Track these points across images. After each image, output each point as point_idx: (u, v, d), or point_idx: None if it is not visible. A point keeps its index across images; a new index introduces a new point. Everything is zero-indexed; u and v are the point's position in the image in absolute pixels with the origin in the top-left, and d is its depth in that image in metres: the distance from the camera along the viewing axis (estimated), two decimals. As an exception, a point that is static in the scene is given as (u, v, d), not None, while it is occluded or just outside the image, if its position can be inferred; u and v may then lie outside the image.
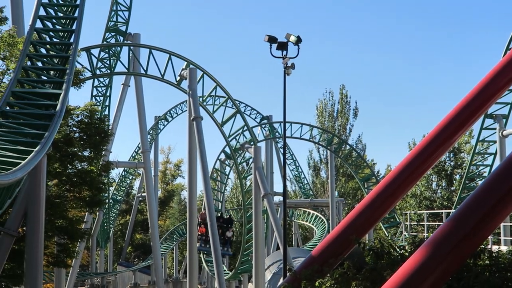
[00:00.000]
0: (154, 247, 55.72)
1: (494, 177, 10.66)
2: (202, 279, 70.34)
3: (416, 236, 14.64)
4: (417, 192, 60.05)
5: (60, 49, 26.11)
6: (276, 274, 39.95)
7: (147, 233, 79.48)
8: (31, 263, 19.97)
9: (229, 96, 44.02)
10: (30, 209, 19.84)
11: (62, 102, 20.93)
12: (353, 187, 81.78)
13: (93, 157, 28.36)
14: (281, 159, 65.81)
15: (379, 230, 61.11)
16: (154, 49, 41.00)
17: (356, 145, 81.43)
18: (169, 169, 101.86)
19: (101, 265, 67.56)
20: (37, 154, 16.88)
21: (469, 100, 15.28)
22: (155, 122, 68.50)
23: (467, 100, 15.30)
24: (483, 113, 16.52)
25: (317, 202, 69.97)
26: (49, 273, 45.06)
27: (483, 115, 37.75)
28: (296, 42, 26.05)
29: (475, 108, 15.34)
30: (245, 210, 47.31)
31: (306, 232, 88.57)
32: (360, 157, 64.98)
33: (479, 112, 15.66)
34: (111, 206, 67.19)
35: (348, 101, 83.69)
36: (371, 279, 12.39)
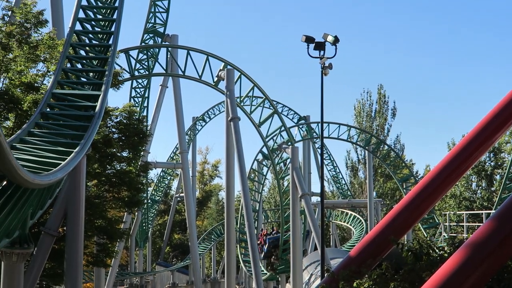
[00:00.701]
0: (192, 247, 55.97)
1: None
2: (240, 279, 70.50)
3: (455, 237, 14.52)
4: (457, 192, 59.39)
5: (99, 51, 26.36)
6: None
7: (185, 233, 79.97)
8: (71, 262, 20.19)
9: (267, 96, 44.02)
10: (70, 209, 20.07)
11: (101, 103, 21.11)
12: (392, 188, 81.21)
13: (131, 157, 28.56)
14: (318, 159, 65.66)
15: (418, 231, 60.65)
16: (192, 50, 41.16)
17: (395, 145, 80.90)
18: (207, 169, 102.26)
19: (139, 265, 68.06)
20: (77, 155, 17.05)
21: (510, 99, 15.05)
22: (193, 123, 68.82)
23: (508, 99, 15.07)
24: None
25: (355, 203, 69.65)
26: (89, 272, 45.55)
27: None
28: (334, 42, 25.96)
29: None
30: (283, 210, 47.29)
31: (344, 232, 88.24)
32: (399, 157, 64.54)
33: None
34: (150, 207, 67.66)
35: (386, 101, 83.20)
36: (409, 280, 12.29)
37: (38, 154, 16.07)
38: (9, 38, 23.47)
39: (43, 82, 24.66)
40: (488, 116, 15.12)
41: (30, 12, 24.32)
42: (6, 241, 15.94)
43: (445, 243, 13.91)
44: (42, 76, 24.73)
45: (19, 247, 17.02)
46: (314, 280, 37.60)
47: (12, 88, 23.29)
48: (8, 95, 22.80)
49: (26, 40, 23.82)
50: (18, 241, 16.95)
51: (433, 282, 10.36)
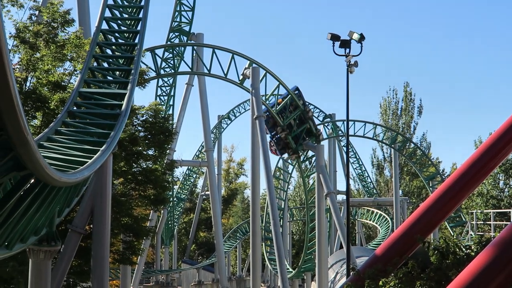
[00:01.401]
0: (218, 245, 56.12)
1: None
2: (265, 277, 70.56)
3: (482, 236, 14.40)
4: (484, 190, 58.79)
5: (125, 50, 26.49)
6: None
7: (211, 231, 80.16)
8: (98, 260, 20.34)
9: (292, 94, 43.96)
10: (97, 207, 20.22)
11: (127, 102, 21.22)
12: (418, 186, 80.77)
13: (157, 156, 28.71)
14: (344, 157, 65.49)
15: (444, 229, 60.25)
16: (217, 49, 41.20)
17: (421, 143, 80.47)
18: (232, 167, 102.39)
19: (165, 263, 68.36)
20: (103, 153, 17.15)
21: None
22: (218, 121, 68.98)
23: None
24: (552, 110, 16.08)
25: (380, 201, 69.40)
26: (115, 270, 45.79)
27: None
28: (359, 40, 25.87)
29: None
30: (308, 208, 47.27)
31: (369, 231, 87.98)
32: (425, 155, 64.17)
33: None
34: (175, 205, 67.92)
35: (412, 99, 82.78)
36: (436, 279, 12.23)
37: (65, 152, 16.19)
38: (36, 37, 23.68)
39: (70, 81, 24.86)
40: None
41: (57, 11, 24.51)
42: (34, 238, 16.09)
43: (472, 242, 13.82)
44: (69, 75, 24.93)
45: (47, 244, 17.18)
46: (339, 279, 37.52)
47: (39, 87, 23.52)
48: (35, 94, 23.03)
49: (53, 40, 24.03)
50: (45, 239, 17.11)
51: (460, 281, 10.29)
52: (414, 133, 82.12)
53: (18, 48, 23.80)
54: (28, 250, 17.20)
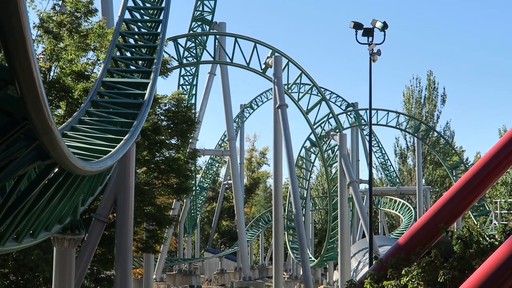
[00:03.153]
0: (240, 234, 56.31)
1: None
2: (288, 266, 70.65)
3: (506, 225, 14.32)
4: (508, 179, 58.46)
5: (148, 39, 26.55)
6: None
7: (233, 220, 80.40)
8: (121, 248, 20.47)
9: (314, 83, 43.89)
10: (120, 196, 20.34)
11: (150, 91, 21.28)
12: (441, 175, 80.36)
13: (180, 145, 28.79)
14: (367, 146, 65.33)
15: (467, 218, 59.96)
16: (240, 38, 41.20)
17: (444, 132, 79.98)
18: (255, 156, 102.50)
19: (188, 251, 68.69)
20: (126, 142, 17.22)
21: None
22: (241, 110, 69.05)
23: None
24: None
25: (403, 190, 69.14)
26: (138, 258, 46.10)
27: None
28: (382, 28, 25.72)
29: None
30: (331, 197, 47.22)
31: (392, 220, 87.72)
32: (448, 144, 63.84)
33: None
34: (198, 193, 68.18)
35: (436, 87, 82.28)
36: (459, 268, 12.18)
37: (88, 141, 16.28)
38: (60, 27, 23.80)
39: (93, 71, 24.99)
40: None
41: (80, 1, 24.61)
42: (58, 227, 16.24)
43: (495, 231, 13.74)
44: (92, 65, 25.05)
45: (71, 233, 17.32)
46: (362, 268, 37.49)
47: (63, 76, 23.66)
48: (59, 84, 23.17)
49: (77, 29, 24.14)
50: (69, 227, 17.25)
51: (484, 270, 10.25)
52: (438, 122, 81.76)
53: (42, 38, 23.94)
54: (53, 239, 17.35)
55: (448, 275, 11.87)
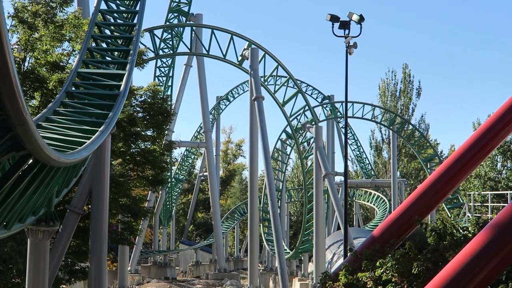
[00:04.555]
0: (216, 226, 56.39)
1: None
2: (263, 258, 70.78)
3: (479, 217, 14.44)
4: (482, 172, 58.94)
5: (124, 30, 26.42)
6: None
7: (209, 212, 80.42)
8: (96, 240, 20.41)
9: (291, 76, 43.96)
10: (95, 187, 20.25)
11: (126, 83, 21.18)
12: (416, 168, 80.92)
13: (156, 136, 28.69)
14: (342, 139, 65.56)
15: (441, 211, 60.45)
16: (216, 29, 41.16)
17: (419, 125, 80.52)
18: (231, 148, 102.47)
19: (163, 243, 68.56)
20: (102, 134, 17.15)
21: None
22: (217, 102, 68.95)
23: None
24: (551, 92, 16.07)
25: (378, 183, 69.54)
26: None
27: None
28: (359, 21, 25.81)
29: (542, 87, 14.95)
30: (306, 189, 47.36)
31: (367, 212, 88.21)
32: (423, 137, 64.30)
33: (547, 91, 15.25)
34: (174, 185, 68.05)
35: (411, 80, 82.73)
36: (433, 260, 12.27)
37: (63, 132, 16.18)
38: (35, 17, 23.56)
39: (68, 61, 24.77)
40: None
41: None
42: (32, 218, 16.13)
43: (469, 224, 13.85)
44: (67, 55, 24.84)
45: (45, 224, 17.20)
46: (337, 260, 37.69)
47: (38, 67, 23.45)
48: (34, 74, 22.96)
49: (52, 20, 23.90)
50: (44, 219, 17.12)
51: (457, 262, 10.34)
52: (413, 115, 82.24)
53: (17, 28, 23.67)
54: (27, 230, 17.23)
55: (422, 266, 11.95)
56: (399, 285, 11.98)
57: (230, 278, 54.81)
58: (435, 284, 10.38)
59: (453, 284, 10.18)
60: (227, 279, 54.14)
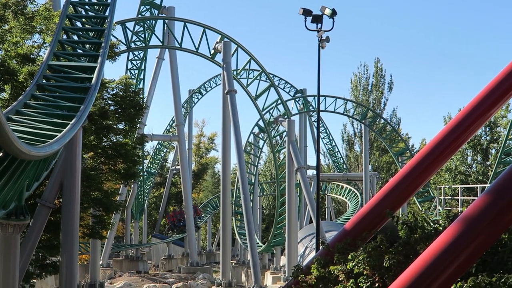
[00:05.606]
0: (188, 219, 56.24)
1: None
2: (235, 251, 70.88)
3: (450, 211, 14.55)
4: (452, 166, 59.56)
5: (95, 23, 26.23)
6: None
7: (181, 205, 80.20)
8: (67, 234, 20.27)
9: (263, 69, 43.97)
10: (66, 181, 20.10)
11: (97, 75, 21.06)
12: (387, 161, 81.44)
13: (128, 130, 28.52)
14: (314, 132, 65.72)
15: (413, 204, 60.90)
16: (189, 22, 41.03)
17: (391, 119, 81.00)
18: (203, 142, 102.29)
19: (135, 237, 68.34)
20: (73, 127, 17.03)
21: (506, 73, 15.04)
22: (189, 96, 68.79)
23: (505, 73, 15.07)
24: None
25: (350, 176, 69.86)
26: (85, 244, 45.71)
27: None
28: (331, 15, 25.85)
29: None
30: (278, 183, 47.45)
31: (339, 206, 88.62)
32: (395, 131, 64.66)
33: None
34: (146, 179, 67.84)
35: (383, 75, 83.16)
36: (404, 253, 12.35)
37: (34, 125, 16.06)
38: (4, 9, 23.30)
39: (39, 54, 24.54)
40: (484, 90, 15.13)
41: (25, -18, 24.11)
42: (2, 212, 15.98)
43: (440, 217, 13.96)
44: (38, 48, 24.60)
45: (15, 218, 17.05)
46: (309, 253, 37.84)
47: (8, 59, 23.18)
48: (4, 67, 22.69)
49: (22, 11, 23.66)
50: (14, 213, 16.98)
51: (428, 255, 10.42)
52: (385, 109, 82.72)
53: (-14, 20, 23.42)
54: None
55: (393, 259, 12.01)
56: (370, 278, 12.04)
57: (203, 272, 54.79)
58: (406, 277, 10.46)
59: (424, 276, 10.26)
60: (199, 273, 54.11)
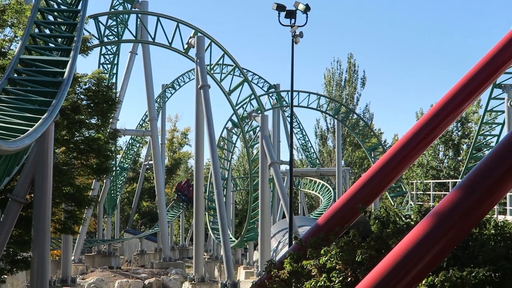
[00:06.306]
0: (161, 214, 56.16)
1: (501, 147, 10.63)
2: (208, 246, 70.83)
3: (422, 205, 14.67)
4: (424, 161, 60.01)
5: (67, 16, 26.03)
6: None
7: (154, 200, 79.97)
8: (39, 229, 20.10)
9: (237, 64, 43.93)
10: (38, 176, 19.93)
11: (70, 70, 20.91)
12: (360, 156, 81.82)
13: (100, 124, 28.37)
14: (288, 128, 65.82)
15: (385, 199, 61.27)
16: (162, 17, 40.86)
17: (364, 115, 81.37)
18: (176, 137, 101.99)
19: (108, 232, 68.01)
20: (45, 121, 16.91)
21: (478, 69, 15.20)
22: (163, 90, 68.55)
23: (476, 69, 15.22)
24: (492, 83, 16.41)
25: (323, 171, 70.08)
26: (57, 239, 45.39)
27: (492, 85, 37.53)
28: (305, 11, 25.89)
29: (484, 78, 15.25)
30: (252, 178, 47.50)
31: (312, 201, 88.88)
32: (367, 126, 64.98)
33: (488, 82, 15.56)
34: (118, 174, 67.52)
35: (356, 70, 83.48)
36: (376, 247, 12.43)
37: (5, 120, 15.92)
38: (-26, 2, 23.07)
39: (10, 48, 24.33)
40: (456, 86, 15.27)
41: (-4, -25, 23.89)
42: (-27, 207, 15.84)
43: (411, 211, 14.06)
44: (9, 42, 24.39)
45: (-14, 213, 16.91)
46: (282, 248, 37.95)
47: (-22, 53, 22.98)
48: (-26, 60, 22.50)
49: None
50: (-16, 208, 16.84)
51: (400, 249, 10.49)
52: (357, 104, 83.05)
53: (-44, 12, 23.17)
54: (-33, 219, 16.92)
55: (366, 254, 12.08)
56: (343, 273, 12.10)
57: (175, 267, 54.71)
58: (379, 271, 10.52)
59: (396, 271, 10.33)
60: (172, 268, 54.02)
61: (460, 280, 10.61)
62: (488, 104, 41.58)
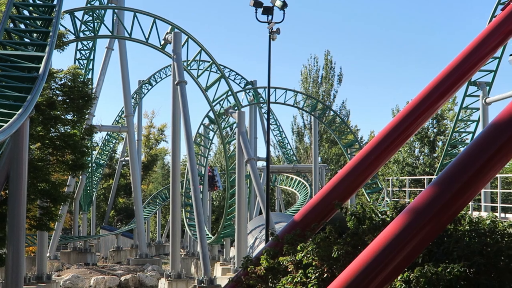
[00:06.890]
0: (137, 211, 55.97)
1: (476, 144, 10.73)
2: (185, 243, 70.68)
3: (397, 202, 14.74)
4: (400, 158, 60.33)
5: (43, 11, 25.84)
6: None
7: (130, 197, 79.75)
8: (14, 226, 19.96)
9: (214, 60, 43.86)
10: (13, 172, 19.79)
11: (45, 65, 20.78)
12: (336, 153, 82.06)
13: (76, 120, 28.22)
14: (265, 124, 65.81)
15: (361, 195, 61.52)
16: (139, 13, 40.65)
17: (340, 111, 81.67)
18: (153, 133, 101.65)
19: (83, 229, 67.66)
20: (20, 117, 16.80)
21: (453, 67, 15.33)
22: (139, 86, 68.25)
23: (451, 67, 15.35)
24: (467, 80, 16.55)
25: (300, 168, 70.20)
26: (32, 236, 45.06)
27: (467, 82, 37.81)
28: (282, 7, 25.91)
29: (459, 75, 15.39)
30: (228, 175, 47.46)
31: (288, 197, 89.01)
32: (344, 123, 65.20)
33: (463, 79, 15.71)
34: (94, 170, 67.16)
35: (332, 67, 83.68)
36: (352, 243, 12.49)
37: (-21, 115, 15.78)
38: None
39: (-16, 42, 24.08)
40: (432, 83, 15.38)
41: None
42: None
43: (387, 208, 14.14)
44: (-17, 36, 24.14)
45: (-40, 210, 16.77)
46: (258, 244, 37.96)
47: (-48, 47, 22.72)
48: None
49: (-33, -1, 23.21)
50: (-41, 204, 16.69)
51: (376, 245, 10.55)
52: (334, 101, 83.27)
53: None
54: None
55: (342, 250, 12.14)
56: (319, 269, 12.15)
57: (152, 264, 54.57)
58: (355, 267, 10.58)
59: (372, 267, 10.39)
60: (148, 265, 53.88)
61: (435, 276, 10.69)
62: (463, 101, 41.82)
